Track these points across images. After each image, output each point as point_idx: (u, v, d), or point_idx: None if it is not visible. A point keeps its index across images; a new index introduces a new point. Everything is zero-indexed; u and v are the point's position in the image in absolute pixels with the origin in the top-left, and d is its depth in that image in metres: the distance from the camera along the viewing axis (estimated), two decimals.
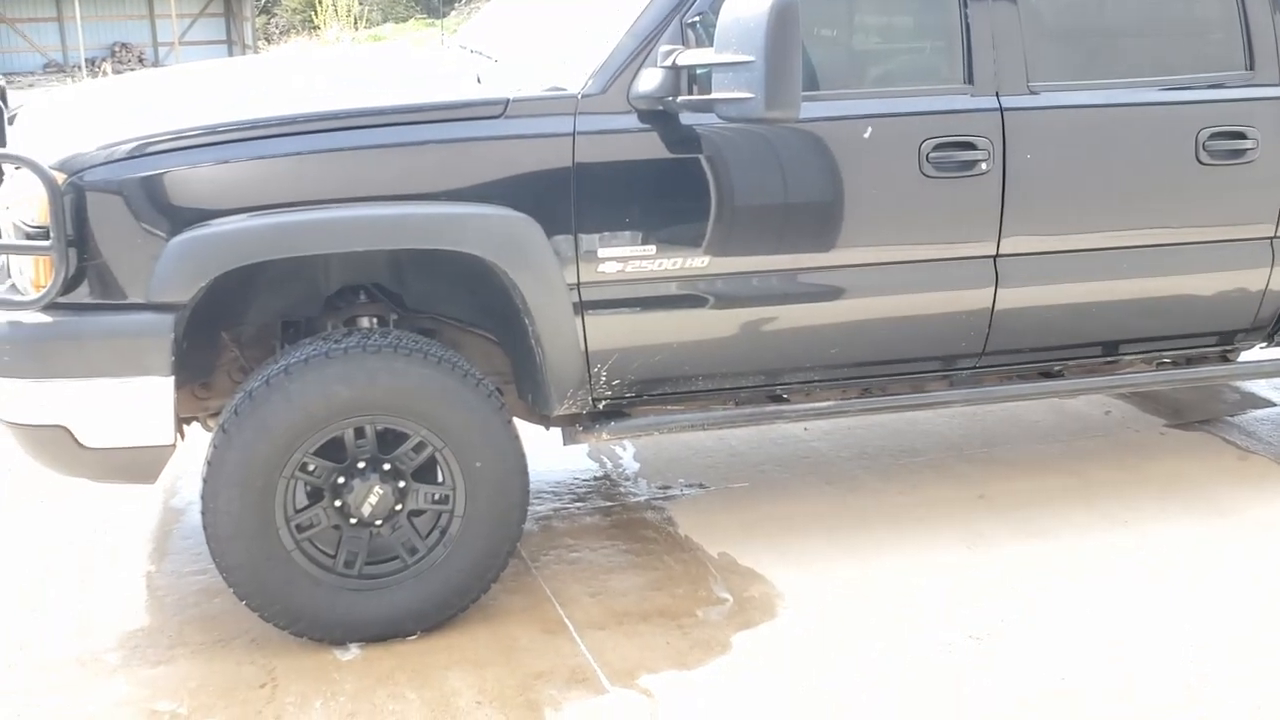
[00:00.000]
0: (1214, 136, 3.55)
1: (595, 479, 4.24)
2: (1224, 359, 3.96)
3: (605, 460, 4.39)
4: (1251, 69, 3.63)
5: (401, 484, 3.12)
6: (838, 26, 3.64)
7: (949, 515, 3.90)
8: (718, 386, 3.48)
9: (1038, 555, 3.62)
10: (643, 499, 4.06)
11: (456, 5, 27.97)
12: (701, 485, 4.16)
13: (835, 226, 3.34)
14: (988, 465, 4.30)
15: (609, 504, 4.03)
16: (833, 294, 3.39)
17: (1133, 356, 3.83)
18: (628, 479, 4.24)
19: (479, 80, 3.38)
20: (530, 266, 3.07)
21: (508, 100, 3.11)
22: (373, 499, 3.08)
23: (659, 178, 3.19)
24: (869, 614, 3.31)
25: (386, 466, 3.10)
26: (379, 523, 3.12)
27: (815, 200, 3.33)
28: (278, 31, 28.34)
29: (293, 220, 2.93)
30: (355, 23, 25.34)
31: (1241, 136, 3.58)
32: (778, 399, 3.56)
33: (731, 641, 3.19)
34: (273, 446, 2.96)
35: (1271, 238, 3.68)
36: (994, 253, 3.45)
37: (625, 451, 4.45)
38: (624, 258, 3.17)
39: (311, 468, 3.05)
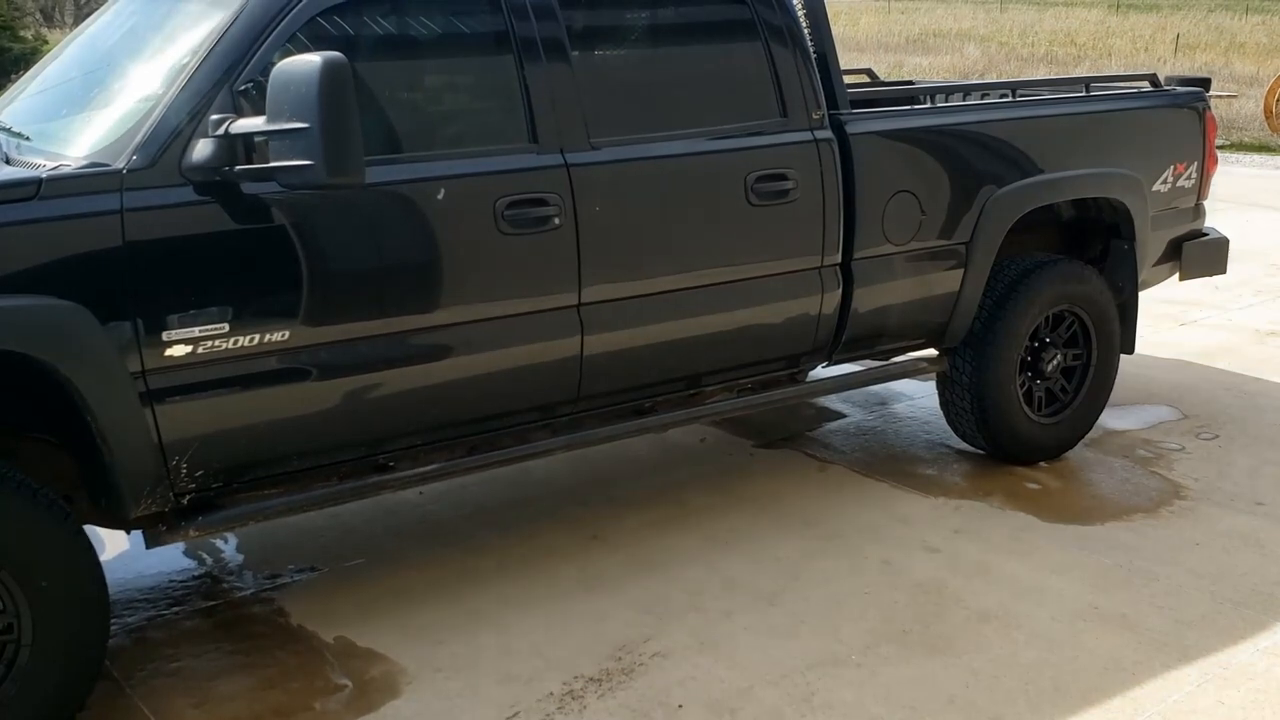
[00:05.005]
0: (760, 179, 3.86)
1: (194, 578, 3.93)
2: (794, 380, 4.30)
3: (205, 556, 4.08)
4: (785, 115, 3.98)
5: None
6: (405, 89, 3.62)
7: (566, 560, 3.95)
8: (316, 463, 3.34)
9: (653, 588, 3.74)
10: (249, 592, 3.81)
11: (14, 77, 25.58)
12: (314, 568, 3.97)
13: (420, 288, 3.31)
14: (599, 505, 4.42)
15: (211, 603, 3.74)
16: (425, 355, 3.36)
17: (715, 386, 4.07)
18: (231, 573, 3.97)
19: (8, 160, 3.06)
20: (83, 359, 2.80)
21: (41, 180, 2.83)
22: None
23: (224, 251, 3.03)
24: (493, 675, 3.27)
25: None
26: None
27: (397, 263, 3.28)
28: None
29: None
30: None
31: (784, 178, 3.91)
32: (383, 468, 3.47)
33: None
34: None
35: (819, 268, 4.04)
36: (576, 302, 3.55)
37: (227, 544, 4.17)
38: (194, 339, 2.97)
39: None
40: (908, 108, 4.59)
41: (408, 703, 3.16)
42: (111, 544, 3.93)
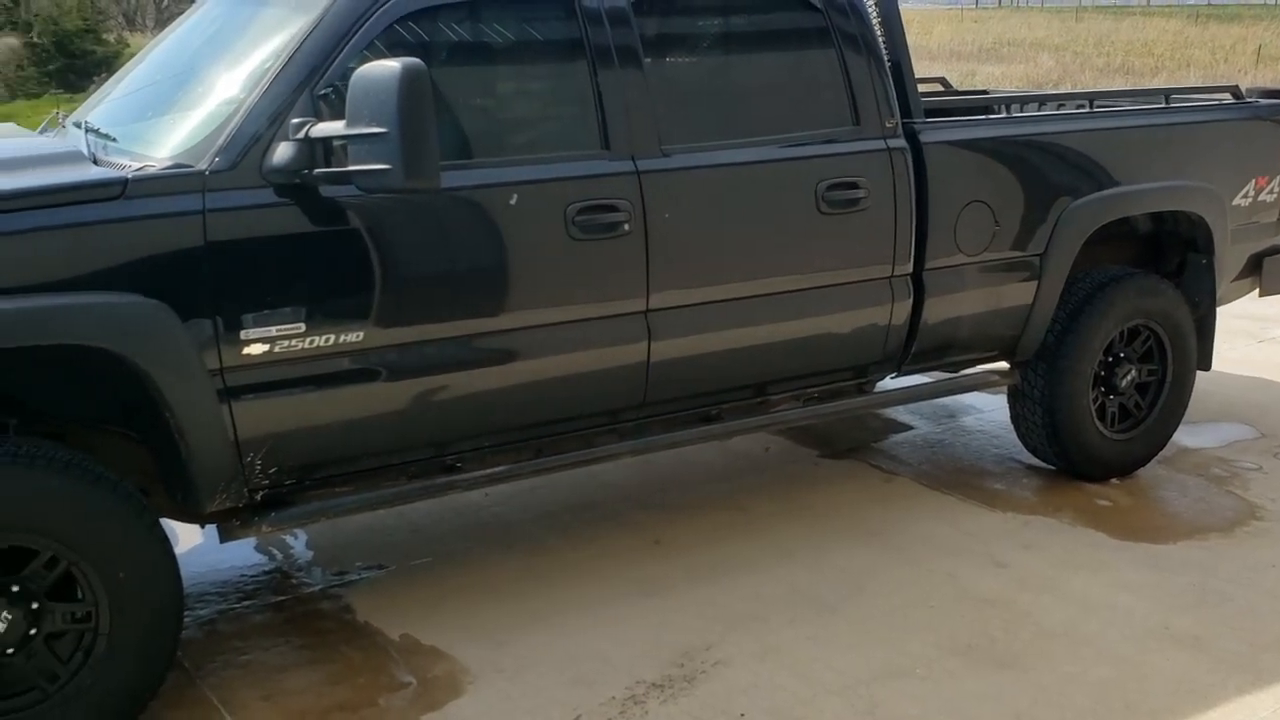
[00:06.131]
0: (831, 187, 3.84)
1: (264, 573, 4.01)
2: (862, 390, 4.28)
3: (275, 551, 4.16)
4: (858, 124, 3.96)
5: (35, 606, 2.81)
6: (480, 95, 3.67)
7: (628, 565, 3.96)
8: (386, 463, 3.39)
9: (716, 596, 3.73)
10: (317, 588, 3.87)
11: (96, 80, 26.25)
12: (381, 566, 4.03)
13: (491, 292, 3.35)
14: (662, 511, 4.42)
15: (280, 598, 3.81)
16: (495, 358, 3.39)
17: (781, 395, 4.06)
18: (300, 569, 4.04)
19: (95, 160, 3.15)
20: (164, 355, 2.87)
21: (126, 180, 2.91)
22: (0, 627, 2.75)
23: (301, 253, 3.09)
24: (557, 678, 3.29)
25: (15, 588, 2.79)
26: (10, 652, 2.79)
27: (469, 267, 3.32)
28: None
29: None
30: None
31: (855, 186, 3.89)
32: (451, 469, 3.51)
33: None
34: None
35: (890, 277, 4.01)
36: (644, 308, 3.57)
37: (297, 540, 4.24)
38: (271, 338, 3.03)
39: None
40: (982, 117, 4.54)
41: (470, 702, 3.19)
42: (185, 538, 4.02)
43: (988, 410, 5.51)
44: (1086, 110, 4.78)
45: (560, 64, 3.63)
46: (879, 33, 4.10)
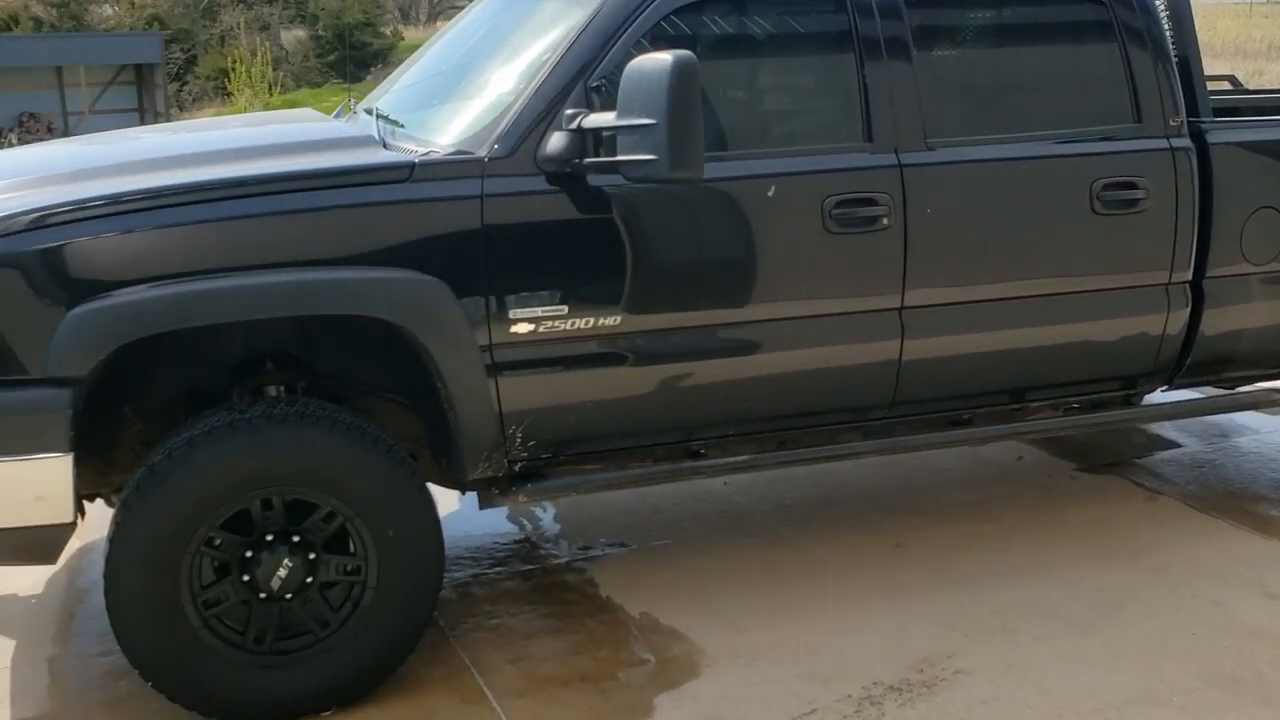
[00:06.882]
0: (1107, 187, 3.66)
1: (515, 542, 4.20)
2: (1128, 403, 4.06)
3: (525, 522, 4.34)
4: (1140, 121, 3.76)
5: (312, 556, 3.05)
6: (741, 88, 3.71)
7: (868, 566, 3.91)
8: (634, 444, 3.48)
9: (960, 605, 3.64)
10: (563, 561, 4.02)
11: (372, 70, 27.98)
12: (623, 544, 4.14)
13: (745, 283, 3.37)
14: (904, 514, 4.34)
15: (529, 567, 3.98)
16: (745, 348, 3.42)
17: (1040, 403, 3.90)
18: (548, 541, 4.20)
19: (385, 145, 3.37)
20: (440, 329, 3.05)
21: (414, 164, 3.11)
22: (282, 572, 3.01)
23: (569, 238, 3.21)
24: (792, 670, 3.30)
25: (296, 538, 3.03)
26: (289, 596, 3.04)
27: (724, 257, 3.37)
28: (190, 99, 28.03)
29: (195, 289, 2.88)
30: (269, 89, 25.17)
31: (1134, 186, 3.70)
32: (695, 454, 3.56)
33: (655, 703, 3.16)
34: (177, 522, 2.88)
35: (1166, 284, 3.79)
36: (899, 305, 3.51)
37: (545, 513, 4.42)
38: (536, 318, 3.16)
39: (218, 542, 2.97)
40: (1276, 118, 4.21)
41: (707, 684, 3.24)
42: (442, 504, 4.24)
43: (1265, 431, 5.12)
44: None
45: (826, 56, 3.62)
46: (1166, 26, 3.88)
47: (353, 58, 28.11)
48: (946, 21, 3.74)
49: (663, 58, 2.88)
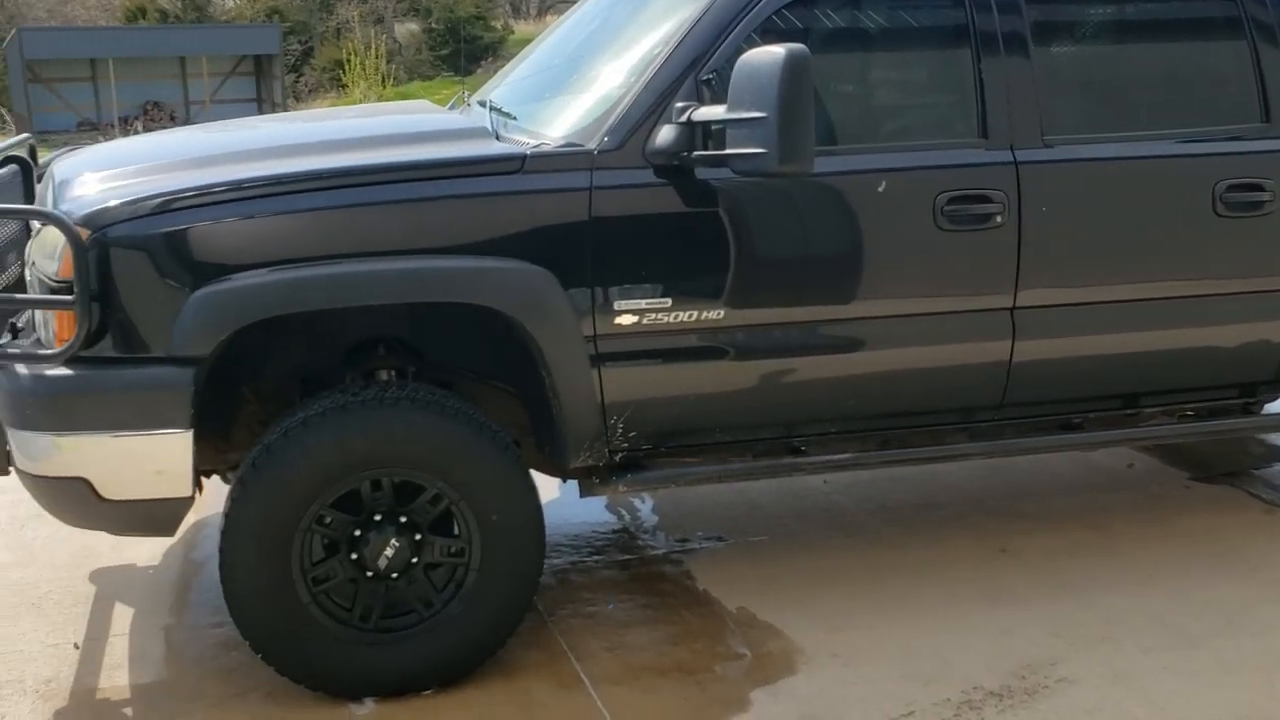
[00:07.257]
0: (1231, 189, 3.54)
1: (613, 531, 4.23)
2: (1247, 411, 3.92)
3: (623, 513, 4.38)
4: (1268, 121, 3.63)
5: (418, 537, 3.12)
6: (852, 82, 3.67)
7: (972, 569, 3.85)
8: (735, 438, 3.48)
9: (1065, 613, 3.57)
10: (661, 552, 4.04)
11: (482, 64, 28.38)
12: (720, 538, 4.14)
13: (851, 279, 3.35)
14: (1009, 518, 4.26)
15: (627, 557, 4.01)
16: (849, 345, 3.40)
17: (1154, 409, 3.80)
18: (646, 532, 4.23)
19: (497, 136, 3.43)
20: (547, 319, 3.09)
21: (525, 156, 3.15)
22: (389, 552, 3.08)
23: (675, 231, 3.22)
24: (890, 671, 3.27)
25: (403, 519, 3.10)
26: (395, 576, 3.11)
27: (831, 253, 3.34)
28: (306, 90, 28.79)
29: (312, 275, 2.97)
30: (383, 81, 25.71)
31: (1259, 189, 3.57)
32: (796, 451, 3.55)
33: (750, 698, 3.16)
34: (290, 499, 2.97)
35: None
36: (1011, 305, 3.44)
37: (644, 504, 4.44)
38: (640, 310, 3.18)
39: (328, 520, 3.05)
40: None
41: (804, 682, 3.23)
42: (544, 491, 4.30)
43: None
44: None
45: (941, 50, 3.57)
46: None
47: (464, 51, 28.54)
48: (1066, 16, 3.66)
49: (775, 51, 2.87)
